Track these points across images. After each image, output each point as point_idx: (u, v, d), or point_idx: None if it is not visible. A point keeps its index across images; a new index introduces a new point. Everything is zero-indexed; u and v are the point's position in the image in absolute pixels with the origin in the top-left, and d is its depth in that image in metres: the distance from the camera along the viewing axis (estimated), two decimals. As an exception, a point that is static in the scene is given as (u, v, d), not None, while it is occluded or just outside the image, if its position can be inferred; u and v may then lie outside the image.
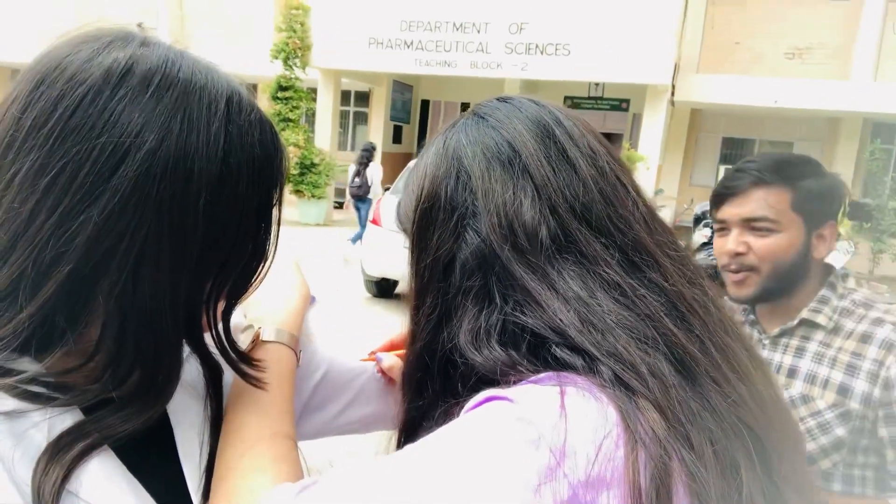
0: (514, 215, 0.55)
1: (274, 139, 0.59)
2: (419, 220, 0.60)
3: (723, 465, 0.48)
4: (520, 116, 0.60)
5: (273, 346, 0.70)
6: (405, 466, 0.47)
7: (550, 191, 0.56)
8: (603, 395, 0.48)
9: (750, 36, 12.57)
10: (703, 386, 0.51)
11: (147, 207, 0.49)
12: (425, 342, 0.59)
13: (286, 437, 0.62)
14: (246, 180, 0.55)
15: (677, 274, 0.56)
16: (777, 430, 0.55)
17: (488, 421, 0.47)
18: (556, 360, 0.51)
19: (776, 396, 0.59)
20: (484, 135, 0.60)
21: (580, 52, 11.00)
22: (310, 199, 12.47)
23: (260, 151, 0.56)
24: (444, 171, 0.60)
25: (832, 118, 12.87)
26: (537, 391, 0.48)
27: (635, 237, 0.56)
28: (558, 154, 0.57)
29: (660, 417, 0.47)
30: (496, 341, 0.53)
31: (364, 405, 0.84)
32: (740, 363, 0.55)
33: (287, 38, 12.28)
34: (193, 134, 0.51)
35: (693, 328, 0.54)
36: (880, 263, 11.36)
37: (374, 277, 7.10)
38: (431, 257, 0.58)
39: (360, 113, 16.64)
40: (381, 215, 6.88)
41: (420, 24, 11.92)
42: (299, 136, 12.37)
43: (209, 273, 0.55)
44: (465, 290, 0.56)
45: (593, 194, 0.56)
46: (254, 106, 0.58)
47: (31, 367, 0.51)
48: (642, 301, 0.53)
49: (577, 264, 0.54)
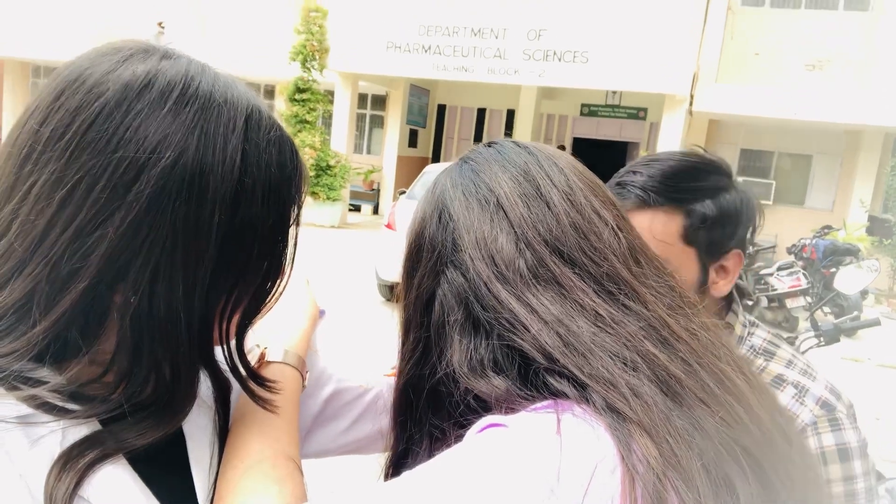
0: (492, 247, 0.58)
1: (293, 157, 0.58)
2: (407, 260, 0.64)
3: (715, 484, 0.48)
4: (499, 159, 0.64)
5: (279, 366, 0.70)
6: (406, 491, 0.48)
7: (524, 225, 0.59)
8: (598, 422, 0.49)
9: (770, 46, 12.49)
10: (689, 406, 0.52)
11: (162, 225, 0.49)
12: (408, 378, 0.62)
13: (288, 458, 0.62)
14: (261, 200, 0.54)
15: (658, 302, 0.57)
16: (778, 446, 0.55)
17: (487, 448, 0.48)
18: (547, 387, 0.53)
19: (774, 414, 0.59)
20: (466, 178, 0.64)
21: (598, 60, 10.98)
22: (325, 201, 12.53)
23: (277, 171, 0.56)
24: (430, 213, 0.64)
25: (852, 131, 12.74)
26: (534, 418, 0.50)
27: (610, 268, 0.58)
28: (533, 191, 0.61)
29: (651, 443, 0.48)
30: (490, 370, 0.55)
31: (369, 423, 0.84)
32: (735, 385, 0.56)
33: (305, 40, 12.35)
34: (210, 151, 0.50)
35: (676, 351, 0.55)
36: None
37: (388, 282, 7.10)
38: (414, 294, 0.62)
39: (376, 116, 16.70)
40: (396, 220, 6.89)
41: (438, 28, 11.96)
42: (315, 139, 12.44)
43: (223, 291, 0.55)
44: (450, 324, 0.58)
45: (566, 228, 0.59)
46: (273, 123, 0.57)
47: (50, 377, 0.51)
48: (621, 325, 0.55)
49: (555, 293, 0.56)
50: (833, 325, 2.99)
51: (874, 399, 5.48)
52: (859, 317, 7.53)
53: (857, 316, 7.46)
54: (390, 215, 7.05)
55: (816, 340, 2.96)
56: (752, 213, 1.03)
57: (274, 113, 0.59)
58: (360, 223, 13.83)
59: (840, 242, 8.96)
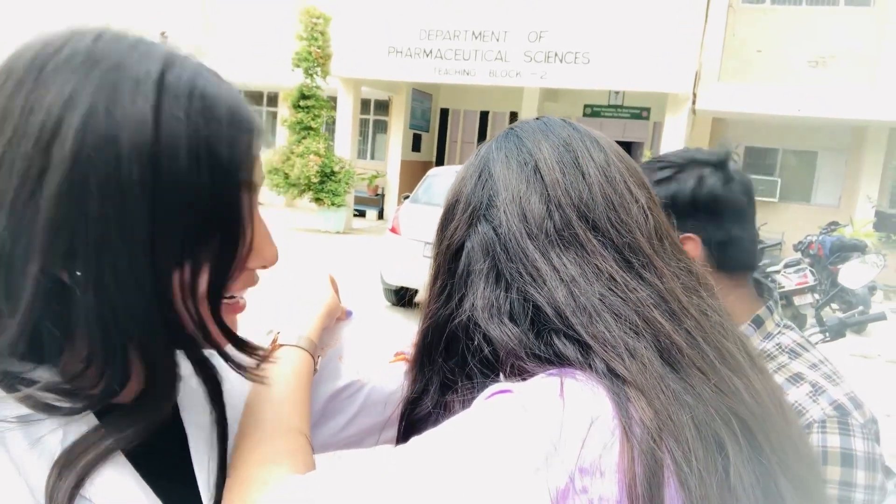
0: (525, 206, 0.62)
1: (232, 111, 0.54)
2: (444, 215, 0.69)
3: (705, 441, 0.50)
4: (544, 129, 0.68)
5: (291, 348, 0.73)
6: (414, 455, 0.51)
7: (557, 189, 0.62)
8: (599, 387, 0.51)
9: (772, 44, 12.46)
10: (687, 373, 0.54)
11: (88, 189, 0.48)
12: (433, 317, 0.66)
13: (300, 433, 0.65)
14: (188, 155, 0.51)
15: (674, 279, 0.60)
16: (775, 420, 0.57)
17: (492, 412, 0.51)
18: (553, 348, 0.56)
19: (774, 391, 0.61)
20: (510, 143, 0.68)
21: (599, 61, 10.97)
22: (329, 206, 12.56)
23: (204, 125, 0.52)
24: (471, 173, 0.68)
25: (857, 127, 12.69)
26: (539, 384, 0.52)
27: (633, 240, 0.61)
28: (571, 161, 0.64)
29: (647, 404, 0.50)
30: (506, 317, 0.59)
31: (367, 417, 0.85)
32: (736, 361, 0.58)
33: (308, 46, 12.40)
34: (119, 107, 0.49)
35: (683, 324, 0.57)
36: (909, 275, 11.15)
37: (394, 286, 7.10)
38: (445, 244, 0.67)
39: (379, 121, 16.74)
40: (401, 224, 6.89)
41: (439, 32, 11.98)
42: (320, 145, 12.48)
43: (172, 262, 0.52)
44: (475, 273, 0.62)
45: (597, 197, 0.62)
46: (197, 77, 0.53)
47: (44, 376, 0.52)
48: (633, 292, 0.57)
49: (577, 254, 0.60)
50: (838, 320, 2.98)
51: (884, 395, 5.45)
52: (866, 312, 7.51)
53: (864, 311, 7.44)
54: (394, 220, 7.06)
55: (822, 336, 2.95)
56: (717, 205, 1.05)
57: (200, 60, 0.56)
58: (365, 228, 13.85)
59: (847, 238, 8.92)
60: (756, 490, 0.51)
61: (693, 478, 0.48)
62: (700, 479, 0.48)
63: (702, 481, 0.48)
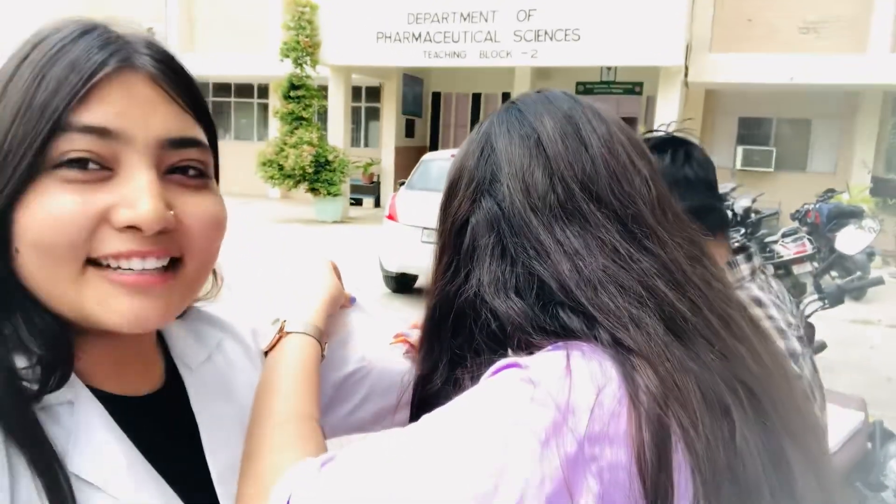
0: (528, 180, 0.62)
1: (77, 58, 0.52)
2: (447, 191, 0.69)
3: (711, 406, 0.51)
4: (545, 102, 0.68)
5: (298, 335, 0.73)
6: (423, 433, 0.52)
7: (560, 162, 0.62)
8: (605, 357, 0.52)
9: (762, 11, 12.38)
10: (691, 341, 0.55)
11: None
12: (440, 294, 0.66)
13: (311, 418, 0.65)
14: (30, 76, 0.51)
15: (677, 249, 0.60)
16: (778, 385, 0.58)
17: (501, 385, 0.52)
18: (559, 320, 0.56)
19: (776, 356, 0.62)
20: (512, 117, 0.68)
21: (590, 37, 10.90)
22: (325, 196, 12.53)
23: (39, 59, 0.52)
24: (474, 148, 0.68)
25: (851, 93, 12.64)
26: (545, 356, 0.53)
27: (636, 211, 0.61)
28: (573, 132, 0.64)
29: (652, 372, 0.51)
30: (513, 292, 0.59)
31: (373, 402, 0.86)
32: (740, 329, 0.59)
33: (295, 36, 12.30)
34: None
35: (686, 293, 0.58)
36: (906, 239, 11.17)
37: (393, 273, 7.11)
38: (450, 221, 0.67)
39: (371, 108, 16.66)
40: (397, 210, 6.88)
41: (427, 15, 11.89)
42: (313, 135, 12.42)
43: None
44: (480, 248, 0.63)
45: (600, 169, 0.62)
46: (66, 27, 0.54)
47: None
48: (637, 263, 0.57)
49: (580, 227, 0.60)
50: (836, 286, 3.00)
51: (886, 360, 5.48)
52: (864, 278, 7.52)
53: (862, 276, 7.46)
54: (391, 206, 7.05)
55: (820, 303, 2.97)
56: (674, 184, 1.14)
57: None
58: (362, 217, 13.83)
59: (844, 205, 8.92)
60: (762, 453, 0.52)
61: (700, 442, 0.49)
62: (707, 443, 0.49)
63: (708, 445, 0.49)
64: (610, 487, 0.47)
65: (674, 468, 0.48)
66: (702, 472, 0.48)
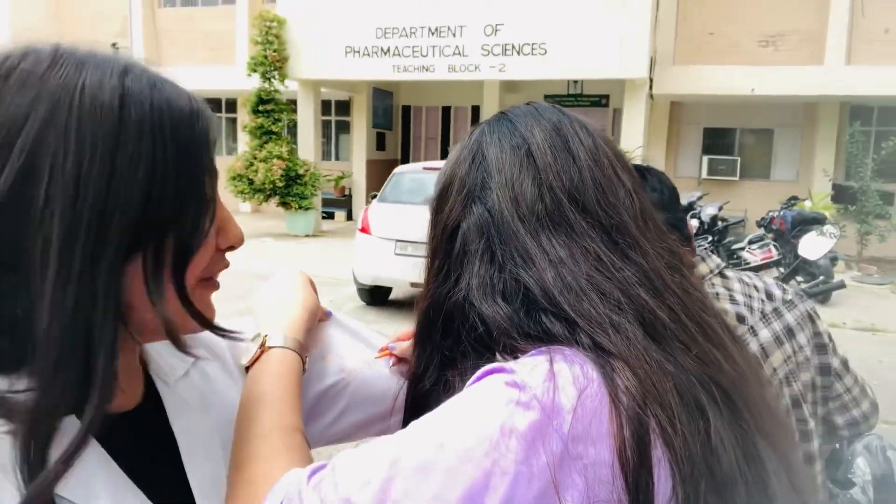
0: (518, 189, 0.64)
1: (190, 102, 0.58)
2: (438, 197, 0.71)
3: (687, 406, 0.53)
4: (535, 114, 0.70)
5: (279, 350, 0.74)
6: (413, 437, 0.53)
7: (549, 172, 0.64)
8: (586, 361, 0.54)
9: (723, 25, 12.70)
10: (669, 345, 0.57)
11: (45, 174, 0.50)
12: (432, 295, 0.68)
13: (296, 429, 0.66)
14: (151, 135, 0.54)
15: (658, 258, 0.63)
16: (752, 387, 0.61)
17: (488, 389, 0.54)
18: (542, 325, 0.58)
19: (750, 361, 0.65)
20: (503, 127, 0.70)
21: (556, 51, 11.07)
22: (297, 210, 12.45)
23: (167, 109, 0.55)
24: (464, 156, 0.70)
25: (810, 103, 13.00)
26: (530, 361, 0.55)
27: (620, 221, 0.63)
28: (561, 145, 0.66)
29: (631, 374, 0.53)
30: (500, 297, 0.61)
31: (352, 414, 0.86)
32: (717, 334, 0.62)
33: (263, 50, 12.26)
34: (87, 98, 0.52)
35: (666, 300, 0.60)
36: (868, 245, 11.48)
37: (367, 285, 7.09)
38: (441, 226, 0.69)
39: (342, 122, 16.64)
40: (370, 223, 6.88)
41: (396, 30, 11.95)
42: (283, 149, 12.35)
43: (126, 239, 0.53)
44: (470, 253, 0.65)
45: (587, 181, 0.64)
46: (158, 77, 0.57)
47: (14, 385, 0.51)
48: (619, 271, 0.60)
49: (566, 236, 0.62)
50: (802, 290, 3.07)
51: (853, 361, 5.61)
52: (827, 282, 7.71)
53: (826, 281, 7.63)
54: (364, 219, 7.04)
55: (787, 308, 3.03)
56: None
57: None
58: (335, 230, 13.77)
59: (807, 212, 9.14)
60: (736, 450, 0.54)
61: (678, 439, 0.51)
62: (684, 440, 0.51)
63: (685, 442, 0.51)
64: (594, 484, 0.49)
65: (653, 464, 0.50)
66: (680, 468, 0.51)
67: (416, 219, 6.81)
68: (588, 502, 0.49)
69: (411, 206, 6.84)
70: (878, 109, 12.86)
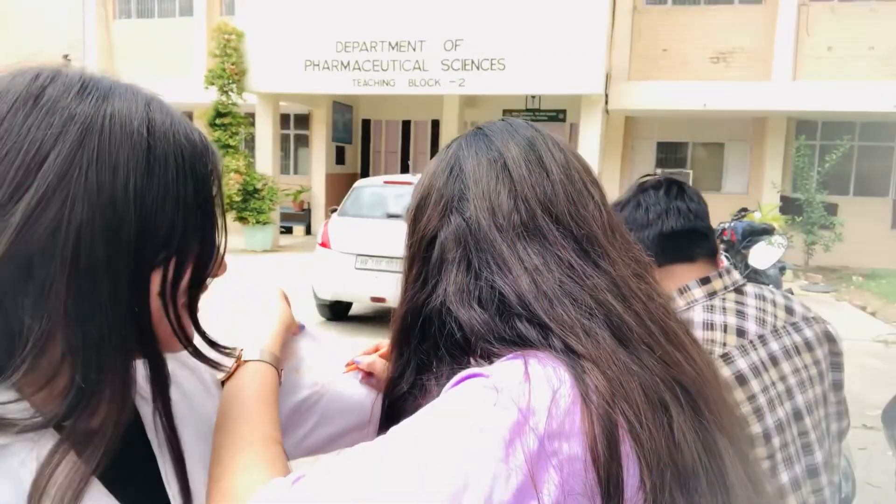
0: (494, 200, 0.68)
1: (200, 135, 0.62)
2: (416, 207, 0.74)
3: (652, 404, 0.57)
4: (510, 130, 0.74)
5: (256, 364, 0.75)
6: (392, 443, 0.55)
7: (524, 185, 0.68)
8: (558, 363, 0.57)
9: (675, 43, 13.06)
10: (635, 348, 0.61)
11: (76, 194, 0.52)
12: (410, 301, 0.71)
13: (275, 441, 0.67)
14: (176, 167, 0.57)
15: (625, 267, 0.67)
16: (712, 387, 0.65)
17: (466, 393, 0.56)
18: (516, 330, 0.61)
19: (710, 363, 0.70)
20: (479, 142, 0.74)
21: (514, 66, 11.23)
22: (254, 225, 12.30)
23: (187, 143, 0.60)
24: (442, 168, 0.74)
25: (758, 118, 13.44)
26: (505, 365, 0.58)
27: (590, 232, 0.67)
28: (535, 160, 0.71)
29: (600, 374, 0.56)
30: (476, 303, 0.64)
31: (325, 427, 0.87)
32: (678, 338, 0.66)
33: (221, 63, 12.13)
34: (117, 126, 0.54)
35: (632, 305, 0.64)
36: (814, 255, 11.89)
37: (327, 301, 7.03)
38: (420, 235, 0.72)
39: (301, 136, 16.53)
40: (330, 237, 6.84)
41: (356, 44, 11.97)
42: (240, 163, 12.22)
43: (151, 261, 0.57)
44: (448, 261, 0.67)
45: (559, 194, 0.68)
46: (174, 111, 0.62)
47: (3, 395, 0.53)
48: (589, 278, 0.64)
49: (540, 245, 0.65)
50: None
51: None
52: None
53: (774, 291, 7.83)
54: (324, 234, 6.99)
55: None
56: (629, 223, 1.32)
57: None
58: (293, 245, 13.63)
59: (756, 223, 9.39)
60: (697, 444, 0.59)
61: (644, 433, 0.55)
62: (650, 434, 0.55)
63: (651, 436, 0.55)
64: (569, 478, 0.52)
65: (623, 457, 0.54)
66: (647, 461, 0.55)
67: (376, 233, 6.82)
68: (563, 495, 0.52)
69: (372, 220, 6.83)
70: (822, 124, 13.37)
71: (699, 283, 1.31)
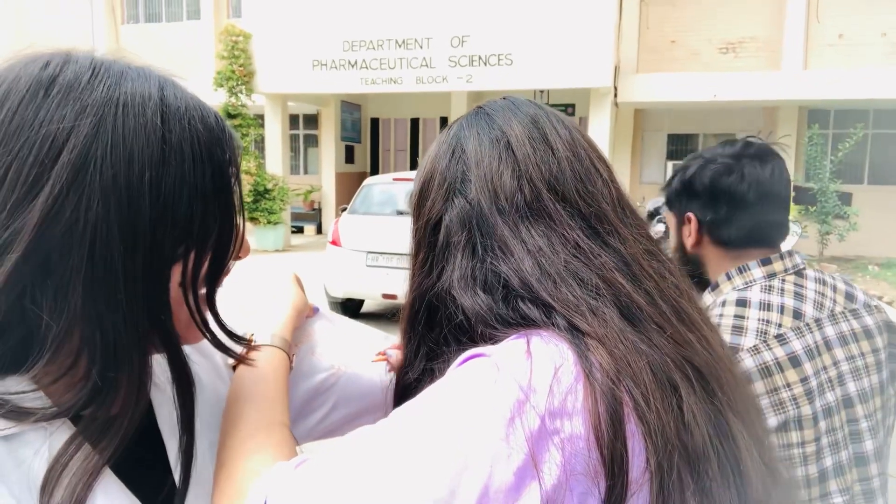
0: (497, 181, 0.66)
1: (218, 120, 0.61)
2: (419, 192, 0.72)
3: (661, 384, 0.55)
4: (512, 108, 0.72)
5: (267, 348, 0.76)
6: (395, 425, 0.54)
7: (528, 164, 0.66)
8: (561, 340, 0.56)
9: (684, 33, 12.97)
10: (644, 327, 0.59)
11: (92, 190, 0.51)
12: (417, 288, 0.70)
13: (283, 425, 0.67)
14: (192, 156, 0.56)
15: (636, 244, 0.65)
16: (724, 367, 0.63)
17: (468, 373, 0.55)
18: (519, 311, 0.60)
19: (722, 343, 0.68)
20: (481, 121, 0.72)
21: (522, 61, 11.19)
22: (266, 225, 12.35)
23: (203, 129, 0.58)
24: (443, 151, 0.72)
25: (769, 108, 13.32)
26: (507, 344, 0.57)
27: (599, 209, 0.65)
28: (540, 137, 0.68)
29: (605, 352, 0.55)
30: (480, 288, 0.63)
31: (342, 409, 0.88)
32: (690, 318, 0.64)
33: (230, 65, 12.18)
34: (131, 116, 0.53)
35: (642, 285, 0.62)
36: (829, 245, 11.77)
37: (339, 299, 7.05)
38: (424, 220, 0.70)
39: (310, 135, 16.58)
40: (341, 235, 6.85)
41: (363, 43, 11.98)
42: (251, 164, 12.27)
43: (170, 253, 0.56)
44: (453, 245, 0.66)
45: (566, 171, 0.66)
46: (189, 95, 0.61)
47: (16, 386, 0.53)
48: (597, 257, 0.62)
49: (545, 226, 0.64)
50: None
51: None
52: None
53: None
54: (334, 232, 7.01)
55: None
56: (712, 191, 1.28)
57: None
58: (305, 244, 13.68)
59: (769, 214, 9.31)
60: (708, 426, 0.57)
61: (651, 414, 0.53)
62: (657, 415, 0.53)
63: (659, 417, 0.53)
64: (571, 457, 0.51)
65: (627, 437, 0.52)
66: (653, 441, 0.53)
67: (387, 230, 6.83)
68: (566, 474, 0.50)
69: (382, 218, 6.83)
70: (835, 112, 13.23)
71: (759, 264, 1.28)
